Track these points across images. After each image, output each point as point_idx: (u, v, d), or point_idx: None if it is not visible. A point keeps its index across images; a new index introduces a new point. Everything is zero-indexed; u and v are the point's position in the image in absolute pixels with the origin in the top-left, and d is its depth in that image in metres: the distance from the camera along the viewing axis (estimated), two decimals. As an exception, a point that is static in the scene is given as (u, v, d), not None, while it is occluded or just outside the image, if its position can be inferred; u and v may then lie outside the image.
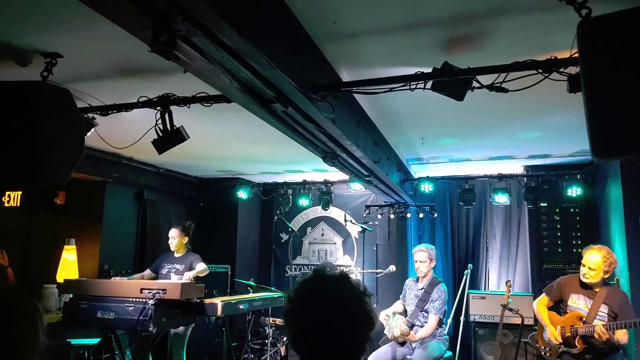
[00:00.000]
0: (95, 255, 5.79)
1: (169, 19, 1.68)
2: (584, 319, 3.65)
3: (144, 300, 3.94)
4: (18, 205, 6.16)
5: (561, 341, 3.73)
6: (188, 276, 4.57)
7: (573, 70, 2.33)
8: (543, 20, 2.45)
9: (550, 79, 2.38)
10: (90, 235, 5.85)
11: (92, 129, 3.86)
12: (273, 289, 6.07)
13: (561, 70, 2.36)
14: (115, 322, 4.06)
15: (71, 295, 4.39)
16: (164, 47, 1.75)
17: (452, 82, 2.53)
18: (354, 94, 3.44)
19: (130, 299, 4.01)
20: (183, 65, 2.11)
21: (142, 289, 4.02)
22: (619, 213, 4.67)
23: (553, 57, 2.36)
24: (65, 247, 5.44)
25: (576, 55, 1.99)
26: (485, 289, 6.40)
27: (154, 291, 3.96)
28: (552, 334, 3.76)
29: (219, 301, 4.29)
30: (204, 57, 1.98)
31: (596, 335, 3.48)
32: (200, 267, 4.75)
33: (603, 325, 3.48)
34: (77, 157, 2.98)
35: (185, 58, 1.99)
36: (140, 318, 3.87)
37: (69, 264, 5.39)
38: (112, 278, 4.72)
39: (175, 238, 4.96)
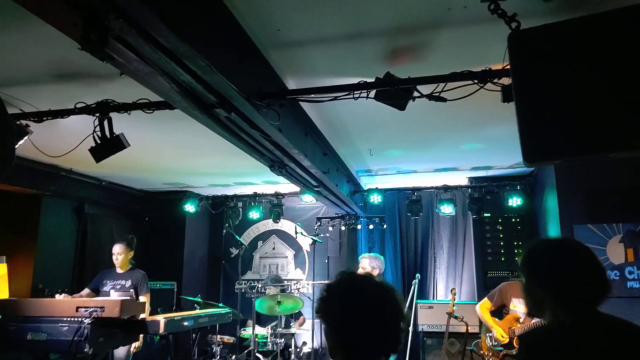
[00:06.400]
0: (28, 274, 5.44)
1: (100, 17, 1.61)
2: (521, 320, 3.80)
3: (79, 319, 3.70)
4: (-59, 220, 5.72)
5: (508, 339, 3.85)
6: None
7: (506, 81, 2.45)
8: (478, 33, 2.56)
9: (485, 89, 2.49)
10: (23, 252, 5.50)
11: (26, 137, 3.66)
12: (221, 305, 5.90)
13: (495, 80, 2.47)
14: (48, 344, 3.77)
15: (-1, 317, 4.06)
16: (96, 45, 1.68)
17: (394, 92, 2.59)
18: (302, 104, 3.45)
19: (65, 319, 3.75)
20: (119, 66, 2.03)
21: (77, 307, 3.78)
22: (556, 221, 4.91)
23: (488, 69, 2.46)
24: (-5, 265, 5.07)
25: (508, 66, 2.09)
26: (433, 299, 6.51)
27: (91, 309, 3.73)
28: (499, 332, 3.88)
29: (161, 318, 4.10)
30: (140, 59, 1.91)
31: None
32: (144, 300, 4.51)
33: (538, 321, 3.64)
34: (6, 167, 2.80)
35: (121, 59, 1.91)
36: (75, 338, 3.62)
37: (-2, 284, 5.02)
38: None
39: (120, 254, 4.73)
